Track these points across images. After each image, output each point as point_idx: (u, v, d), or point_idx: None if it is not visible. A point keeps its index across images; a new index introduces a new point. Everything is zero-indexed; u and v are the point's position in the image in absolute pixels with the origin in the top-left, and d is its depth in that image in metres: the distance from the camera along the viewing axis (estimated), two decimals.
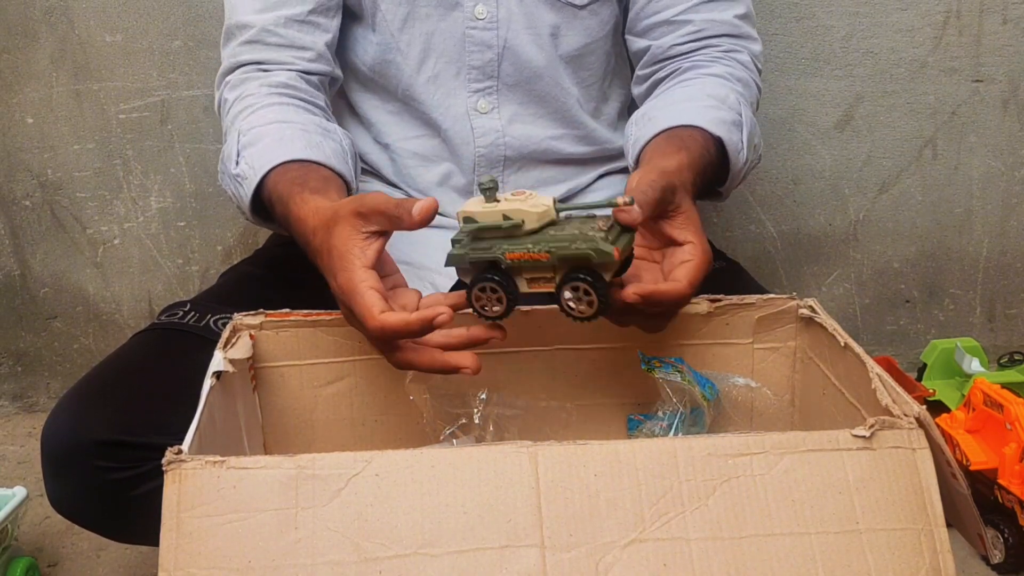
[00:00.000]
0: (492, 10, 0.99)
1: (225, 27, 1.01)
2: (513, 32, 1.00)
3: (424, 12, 1.00)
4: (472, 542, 0.55)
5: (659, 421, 0.80)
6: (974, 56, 1.43)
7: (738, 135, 0.93)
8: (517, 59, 1.01)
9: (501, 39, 1.00)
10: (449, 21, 0.99)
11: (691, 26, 1.01)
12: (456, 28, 0.99)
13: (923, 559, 0.56)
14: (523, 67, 1.02)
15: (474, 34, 0.99)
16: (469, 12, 0.99)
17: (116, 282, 1.53)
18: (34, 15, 1.39)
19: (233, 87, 0.98)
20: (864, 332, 1.58)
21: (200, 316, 0.93)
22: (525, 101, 1.04)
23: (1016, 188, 1.51)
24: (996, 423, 1.11)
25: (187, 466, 0.56)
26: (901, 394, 0.62)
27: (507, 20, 0.99)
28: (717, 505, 0.56)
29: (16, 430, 1.55)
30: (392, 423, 0.84)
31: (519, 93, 1.03)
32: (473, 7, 0.99)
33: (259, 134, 0.90)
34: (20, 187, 1.47)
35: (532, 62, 1.01)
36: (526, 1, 1.00)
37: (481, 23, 0.99)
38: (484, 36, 1.00)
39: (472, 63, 1.01)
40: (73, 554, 1.22)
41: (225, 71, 1.00)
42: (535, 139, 1.04)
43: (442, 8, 0.99)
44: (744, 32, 1.04)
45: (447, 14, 0.99)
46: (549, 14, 1.00)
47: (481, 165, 1.03)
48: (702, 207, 0.82)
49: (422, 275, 1.00)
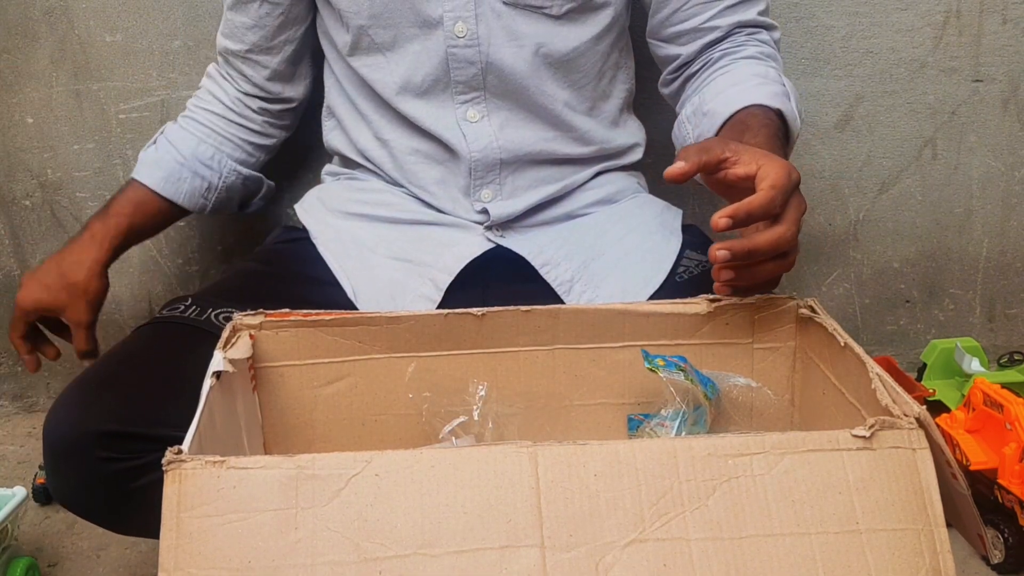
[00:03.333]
0: (472, 27, 0.99)
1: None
2: (495, 47, 1.00)
3: (410, 33, 1.01)
4: (472, 542, 0.55)
5: (662, 420, 0.80)
6: (974, 56, 1.43)
7: (789, 104, 0.97)
8: (501, 72, 1.01)
9: (483, 55, 1.00)
10: (432, 40, 1.00)
11: (719, 31, 1.04)
12: (439, 46, 1.00)
13: (923, 559, 0.56)
14: (508, 79, 1.02)
15: (456, 52, 1.00)
16: (450, 31, 0.99)
17: (116, 282, 1.53)
18: (34, 15, 1.39)
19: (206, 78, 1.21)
20: (864, 332, 1.58)
21: (201, 310, 0.94)
22: (514, 108, 1.04)
23: (1016, 188, 1.51)
24: (996, 423, 1.11)
25: (187, 466, 0.56)
26: (901, 394, 0.62)
27: (487, 36, 1.00)
28: (717, 505, 0.56)
29: (16, 430, 1.54)
30: (392, 423, 0.84)
31: (508, 101, 1.03)
32: (453, 26, 0.99)
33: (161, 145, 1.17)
34: (20, 187, 1.47)
35: (516, 74, 1.01)
36: (505, 16, 1.00)
37: (462, 41, 0.99)
38: (466, 53, 1.00)
39: (457, 78, 1.02)
40: (73, 554, 1.22)
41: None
42: (528, 142, 1.04)
43: (425, 28, 1.00)
44: (766, 23, 1.07)
45: (430, 33, 1.00)
46: (529, 27, 1.00)
47: (477, 169, 1.03)
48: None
49: (421, 272, 1.00)
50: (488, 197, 1.04)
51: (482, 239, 1.03)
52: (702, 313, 0.82)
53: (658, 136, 1.21)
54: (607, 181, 1.10)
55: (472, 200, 1.04)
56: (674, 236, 1.06)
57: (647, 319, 0.81)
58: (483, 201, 1.04)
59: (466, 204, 1.05)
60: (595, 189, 1.09)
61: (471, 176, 1.04)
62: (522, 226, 1.05)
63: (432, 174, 1.06)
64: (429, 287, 0.99)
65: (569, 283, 1.00)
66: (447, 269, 1.00)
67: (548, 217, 1.07)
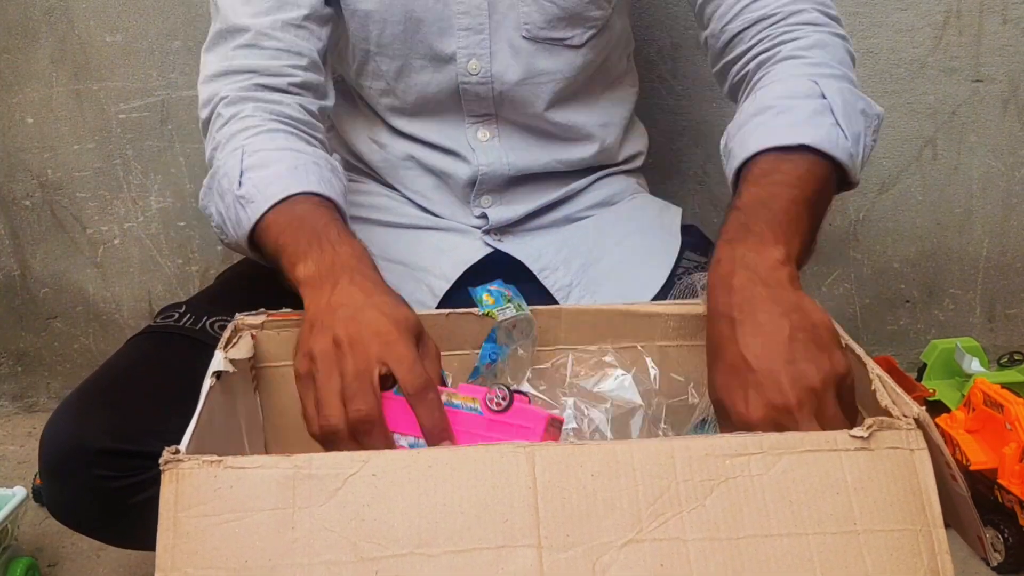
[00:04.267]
0: (486, 65, 0.97)
1: (215, 30, 0.95)
2: (508, 83, 0.98)
3: (418, 65, 0.99)
4: (469, 542, 0.55)
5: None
6: (974, 56, 1.43)
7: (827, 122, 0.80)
8: (514, 105, 1.00)
9: (496, 91, 0.99)
10: (444, 74, 0.98)
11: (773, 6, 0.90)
12: (450, 80, 0.98)
13: (921, 560, 0.56)
14: (521, 111, 1.01)
15: (468, 88, 0.99)
16: (463, 67, 0.98)
17: (116, 282, 1.53)
18: (34, 15, 1.39)
19: (230, 104, 0.91)
20: (864, 332, 1.58)
21: (196, 319, 0.92)
22: (526, 132, 1.03)
23: (1016, 188, 1.51)
24: (996, 423, 1.11)
25: (184, 466, 0.56)
26: (901, 395, 0.62)
27: (502, 73, 0.98)
28: (715, 506, 0.56)
29: (16, 430, 1.55)
30: None
31: (519, 126, 1.03)
32: (466, 63, 0.97)
33: (268, 158, 0.85)
34: (20, 187, 1.48)
35: (531, 107, 1.00)
36: (523, 53, 0.98)
37: (475, 78, 0.98)
38: (479, 89, 0.99)
39: (470, 110, 1.01)
40: (73, 554, 1.22)
41: (216, 73, 0.93)
42: (540, 162, 1.03)
43: (436, 62, 0.98)
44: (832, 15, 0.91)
45: (441, 67, 0.98)
46: (548, 61, 0.99)
47: (484, 182, 1.02)
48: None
49: (418, 276, 1.00)
50: (488, 203, 1.04)
51: (480, 244, 1.03)
52: (703, 314, 0.81)
53: (658, 136, 1.21)
54: (607, 184, 1.09)
55: (472, 206, 1.04)
56: (674, 238, 1.06)
57: (648, 319, 0.81)
58: (482, 206, 1.04)
59: (464, 209, 1.04)
60: (595, 192, 1.08)
61: (474, 186, 1.03)
62: (521, 230, 1.05)
63: (429, 181, 1.05)
64: (425, 293, 0.98)
65: (567, 288, 1.00)
66: (445, 276, 0.99)
67: (547, 221, 1.06)
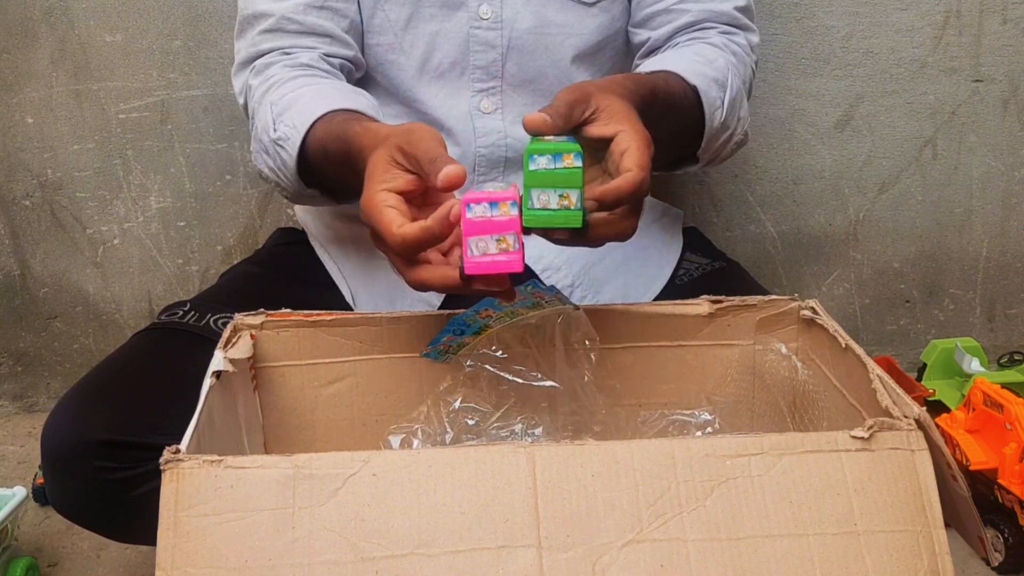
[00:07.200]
0: (497, 10, 0.98)
1: (241, 17, 1.01)
2: (518, 32, 0.99)
3: (428, 12, 0.99)
4: (469, 542, 0.55)
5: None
6: (974, 56, 1.43)
7: (718, 93, 0.92)
8: (522, 58, 1.00)
9: (505, 38, 0.99)
10: (453, 21, 0.99)
11: (689, 16, 1.01)
12: (460, 28, 0.99)
13: (921, 561, 0.56)
14: (528, 66, 1.01)
15: (478, 34, 0.99)
16: (473, 12, 0.98)
17: (116, 282, 1.53)
18: (34, 15, 1.39)
19: (258, 73, 0.97)
20: (864, 332, 1.58)
21: (200, 316, 0.93)
22: (530, 102, 1.02)
23: (1016, 188, 1.51)
24: (996, 423, 1.11)
25: (184, 465, 0.56)
26: (902, 396, 0.62)
27: (512, 20, 0.99)
28: (715, 506, 0.56)
29: (16, 430, 1.55)
30: (393, 423, 0.84)
31: (524, 93, 1.02)
32: (478, 7, 0.98)
33: (294, 98, 0.90)
34: (20, 187, 1.47)
35: (537, 61, 1.00)
36: (535, 2, 0.99)
37: (485, 23, 0.98)
38: (488, 36, 0.99)
39: (476, 63, 1.00)
40: (73, 554, 1.22)
41: (245, 60, 0.99)
42: None
43: (446, 8, 0.99)
44: (742, 23, 1.03)
45: (451, 14, 0.99)
46: (558, 13, 0.99)
47: (481, 165, 1.03)
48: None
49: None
50: None
51: None
52: (704, 314, 0.81)
53: None
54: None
55: None
56: (675, 240, 1.06)
57: (649, 320, 0.81)
58: None
59: None
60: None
61: (474, 173, 1.03)
62: None
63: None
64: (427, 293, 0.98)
65: (569, 288, 1.00)
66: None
67: None
